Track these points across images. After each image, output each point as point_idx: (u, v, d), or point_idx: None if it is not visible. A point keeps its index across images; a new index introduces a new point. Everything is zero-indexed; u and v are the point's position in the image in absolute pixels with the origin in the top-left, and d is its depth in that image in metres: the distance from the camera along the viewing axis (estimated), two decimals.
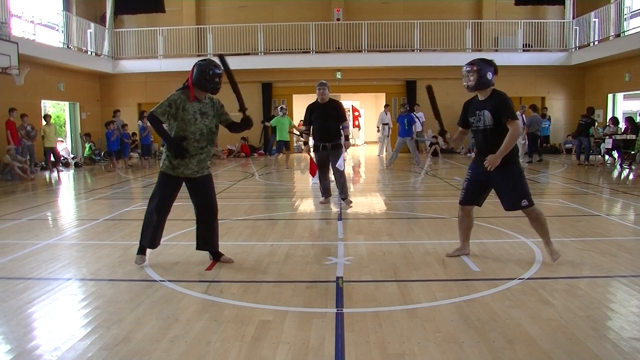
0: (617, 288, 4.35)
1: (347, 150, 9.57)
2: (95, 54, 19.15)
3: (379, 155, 19.36)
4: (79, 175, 14.84)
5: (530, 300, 3.99)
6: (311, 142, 8.60)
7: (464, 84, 4.97)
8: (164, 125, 4.85)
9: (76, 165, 16.95)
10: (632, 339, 3.29)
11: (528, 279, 4.51)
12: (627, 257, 5.21)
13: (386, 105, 19.62)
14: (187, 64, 21.19)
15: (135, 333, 3.44)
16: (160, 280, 4.57)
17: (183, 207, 8.58)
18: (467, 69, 4.92)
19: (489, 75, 4.89)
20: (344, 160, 8.62)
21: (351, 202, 8.56)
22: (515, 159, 4.90)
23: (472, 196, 5.13)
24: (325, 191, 8.74)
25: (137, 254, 5.08)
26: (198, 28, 20.32)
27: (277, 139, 15.52)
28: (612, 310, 3.81)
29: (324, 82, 8.35)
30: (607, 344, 3.23)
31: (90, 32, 18.80)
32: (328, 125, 8.23)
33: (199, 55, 19.98)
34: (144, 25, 20.29)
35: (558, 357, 3.05)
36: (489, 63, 4.93)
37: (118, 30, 20.09)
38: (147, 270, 4.90)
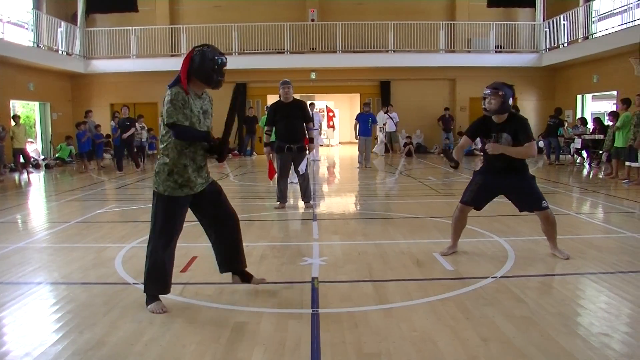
0: (587, 285, 4.45)
1: (316, 151, 9.57)
2: (67, 54, 18.84)
3: (380, 155, 19.35)
4: (49, 176, 14.58)
5: (504, 298, 4.05)
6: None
7: (485, 106, 4.99)
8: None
9: (47, 166, 16.65)
10: (601, 334, 3.37)
11: (501, 277, 4.58)
12: (596, 254, 5.33)
13: (384, 105, 19.66)
14: (160, 64, 21.05)
15: (109, 337, 3.40)
16: (134, 283, 4.51)
17: None
18: (489, 92, 4.94)
19: (510, 101, 4.96)
20: (306, 163, 8.33)
21: (312, 206, 8.34)
22: (527, 166, 5.19)
23: (479, 200, 5.29)
24: (282, 196, 8.29)
25: (150, 302, 3.88)
26: (172, 28, 20.13)
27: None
28: (582, 307, 3.90)
29: (288, 80, 8.15)
30: (578, 339, 3.30)
31: (61, 31, 18.48)
32: (294, 125, 7.99)
33: (172, 56, 19.83)
34: (116, 24, 20.02)
35: (531, 353, 3.10)
36: (511, 88, 5.00)
37: (90, 29, 19.79)
38: (121, 272, 4.84)
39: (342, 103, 27.36)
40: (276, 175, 8.22)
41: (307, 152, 8.25)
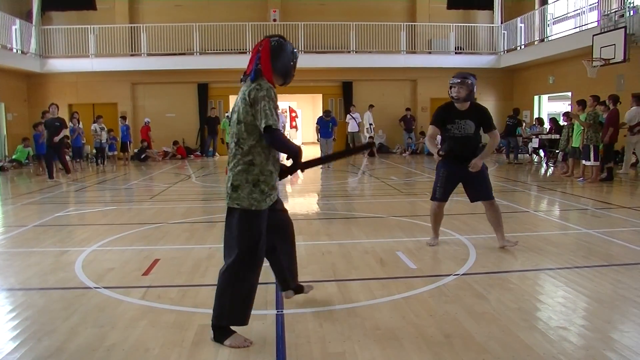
0: (545, 280, 4.57)
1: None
2: (22, 52, 18.29)
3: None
4: (4, 179, 14.12)
5: (466, 295, 4.13)
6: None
7: (454, 95, 5.32)
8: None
9: (1, 169, 16.13)
10: (559, 328, 3.47)
11: (463, 274, 4.66)
12: (553, 250, 5.48)
13: (370, 106, 19.69)
14: (120, 64, 20.68)
15: (69, 343, 3.32)
16: (95, 287, 4.42)
17: (119, 211, 8.36)
18: (459, 81, 5.28)
19: (474, 90, 5.39)
20: None
21: None
22: None
23: (447, 192, 5.62)
24: None
25: (226, 337, 3.28)
26: (131, 27, 19.76)
27: None
28: (541, 302, 4.00)
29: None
30: (537, 333, 3.39)
31: (16, 29, 17.91)
32: None
33: (132, 55, 19.50)
34: (74, 22, 19.53)
35: (492, 348, 3.17)
36: (475, 78, 5.40)
37: (46, 27, 19.26)
38: (81, 277, 4.73)
39: (305, 103, 27.39)
40: None
41: None
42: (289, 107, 26.06)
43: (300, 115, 27.38)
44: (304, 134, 28.12)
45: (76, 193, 10.91)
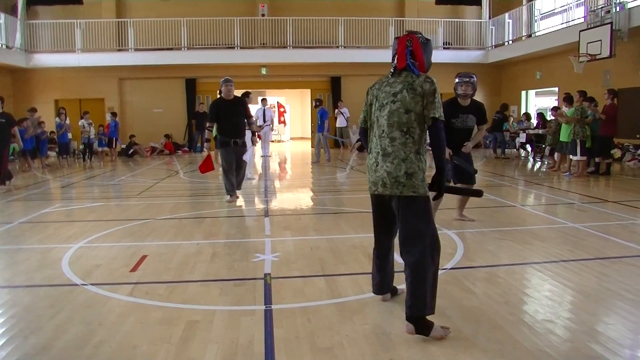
0: (532, 274, 4.61)
1: (267, 147, 10.05)
2: (7, 47, 18.07)
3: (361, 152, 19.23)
4: None
5: (454, 289, 4.15)
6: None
7: (461, 92, 6.12)
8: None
9: None
10: (545, 321, 3.50)
11: (451, 269, 4.69)
12: (540, 244, 5.52)
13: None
14: (107, 59, 20.48)
15: (56, 341, 3.29)
16: (82, 284, 4.39)
17: (106, 207, 8.31)
18: (467, 79, 6.08)
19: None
20: (251, 153, 8.87)
21: (238, 197, 8.69)
22: None
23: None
24: (232, 188, 8.53)
25: (431, 328, 3.25)
26: (118, 22, 19.60)
27: None
28: (528, 295, 4.04)
29: (230, 78, 8.47)
30: (524, 327, 3.42)
31: (1, 23, 17.70)
32: (239, 121, 8.44)
33: (119, 50, 19.35)
34: (60, 17, 19.32)
35: (479, 342, 3.19)
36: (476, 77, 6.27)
37: (32, 21, 19.05)
38: (68, 274, 4.70)
39: (293, 99, 27.35)
40: (221, 169, 8.60)
41: (254, 144, 8.72)
42: (277, 102, 26.02)
43: (289, 111, 27.36)
44: (292, 129, 28.11)
45: (63, 189, 10.82)
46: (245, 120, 8.56)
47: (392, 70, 3.48)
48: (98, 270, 4.81)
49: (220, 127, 8.35)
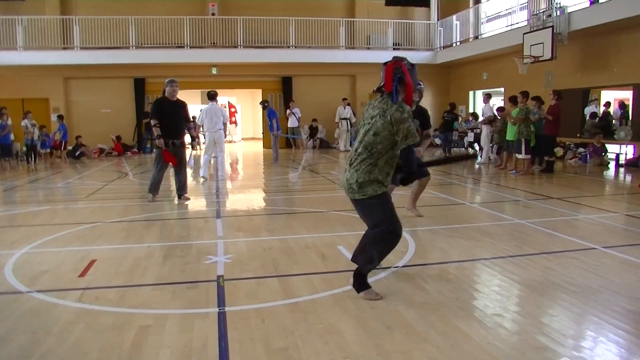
0: (482, 270, 4.73)
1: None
2: None
3: (341, 150, 19.18)
4: None
5: (406, 286, 4.21)
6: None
7: (415, 98, 6.15)
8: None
9: None
10: (495, 315, 3.60)
11: (403, 266, 4.76)
12: (489, 241, 5.67)
13: (344, 99, 19.68)
14: (52, 58, 19.69)
15: (0, 352, 3.17)
16: (27, 292, 4.23)
17: (52, 211, 8.04)
18: (422, 86, 6.17)
19: None
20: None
21: (189, 198, 8.70)
22: None
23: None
24: (156, 188, 8.65)
25: (364, 289, 4.01)
26: (63, 19, 18.97)
27: None
28: (477, 291, 4.14)
29: (175, 79, 8.58)
30: (474, 321, 3.50)
31: None
32: (179, 122, 8.48)
33: (64, 48, 18.75)
34: (0, 13, 18.56)
35: (432, 338, 3.25)
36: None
37: None
38: (12, 281, 4.52)
39: (244, 99, 27.16)
40: (154, 169, 8.62)
41: (193, 149, 8.74)
42: (228, 102, 25.78)
43: (240, 111, 27.14)
44: (243, 130, 27.91)
45: (5, 193, 10.40)
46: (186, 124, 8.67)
47: (379, 92, 3.91)
48: (44, 277, 4.65)
49: (161, 126, 8.32)
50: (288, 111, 19.35)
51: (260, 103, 16.26)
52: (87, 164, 16.21)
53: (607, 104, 15.57)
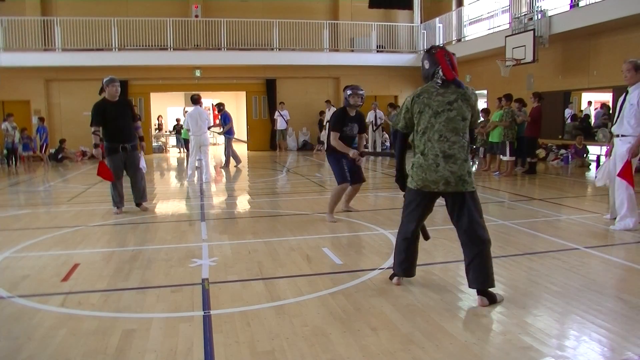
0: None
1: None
2: None
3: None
4: None
5: (391, 287, 4.22)
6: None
7: (355, 102, 6.77)
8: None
9: None
10: (479, 316, 3.63)
11: (388, 268, 4.76)
12: None
13: (327, 101, 19.42)
14: (32, 59, 19.44)
15: None
16: (8, 297, 4.17)
17: (34, 215, 7.94)
18: (363, 92, 6.78)
19: None
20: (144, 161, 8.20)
21: (147, 208, 8.16)
22: None
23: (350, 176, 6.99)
24: (120, 200, 7.91)
25: (495, 299, 3.87)
26: (44, 20, 18.72)
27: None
28: (462, 292, 4.16)
29: (115, 77, 7.91)
30: (458, 322, 3.53)
31: None
32: (126, 124, 7.73)
33: (45, 50, 18.52)
34: None
35: (417, 339, 3.26)
36: None
37: None
38: None
39: (228, 101, 26.97)
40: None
41: (142, 149, 8.09)
42: (212, 104, 25.67)
43: None
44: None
45: None
46: (134, 124, 7.90)
47: (439, 81, 3.88)
48: (26, 281, 4.58)
49: (106, 132, 7.69)
50: (277, 113, 19.31)
51: (215, 105, 15.73)
52: (70, 167, 16.04)
53: (589, 103, 15.79)
